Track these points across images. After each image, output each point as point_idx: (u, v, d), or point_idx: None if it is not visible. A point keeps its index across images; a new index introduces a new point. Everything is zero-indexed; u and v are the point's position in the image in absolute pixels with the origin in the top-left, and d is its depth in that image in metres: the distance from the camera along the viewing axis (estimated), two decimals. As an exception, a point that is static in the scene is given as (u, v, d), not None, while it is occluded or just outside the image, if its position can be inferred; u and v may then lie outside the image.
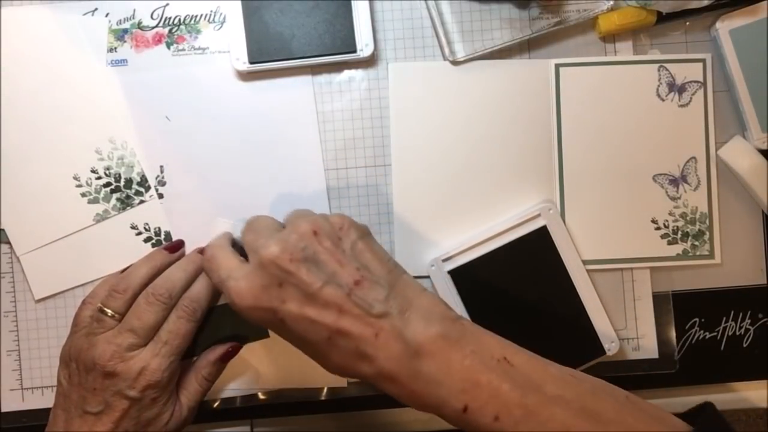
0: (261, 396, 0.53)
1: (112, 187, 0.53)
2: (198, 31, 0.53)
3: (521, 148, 0.53)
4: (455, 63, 0.53)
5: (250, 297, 0.39)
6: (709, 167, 0.54)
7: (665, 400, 0.55)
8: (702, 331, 0.55)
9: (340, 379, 0.53)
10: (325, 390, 0.53)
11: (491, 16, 0.53)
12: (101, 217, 0.53)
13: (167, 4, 0.53)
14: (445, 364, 0.37)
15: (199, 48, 0.53)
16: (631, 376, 0.54)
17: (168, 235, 0.53)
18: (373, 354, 0.37)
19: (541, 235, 0.52)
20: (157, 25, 0.53)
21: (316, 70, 0.53)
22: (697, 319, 0.55)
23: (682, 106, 0.53)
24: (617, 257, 0.53)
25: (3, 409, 0.53)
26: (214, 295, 0.50)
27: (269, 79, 0.53)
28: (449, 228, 0.53)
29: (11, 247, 0.52)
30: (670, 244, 0.54)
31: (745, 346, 0.55)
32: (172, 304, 0.47)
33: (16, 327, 0.53)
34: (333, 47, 0.51)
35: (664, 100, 0.53)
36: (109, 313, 0.46)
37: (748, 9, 0.52)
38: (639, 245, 0.54)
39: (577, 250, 0.53)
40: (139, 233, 0.53)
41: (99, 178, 0.52)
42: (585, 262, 0.53)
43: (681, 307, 0.54)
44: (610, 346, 0.52)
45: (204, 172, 0.53)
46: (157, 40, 0.53)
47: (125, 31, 0.52)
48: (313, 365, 0.41)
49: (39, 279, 0.53)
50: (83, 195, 0.52)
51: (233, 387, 0.53)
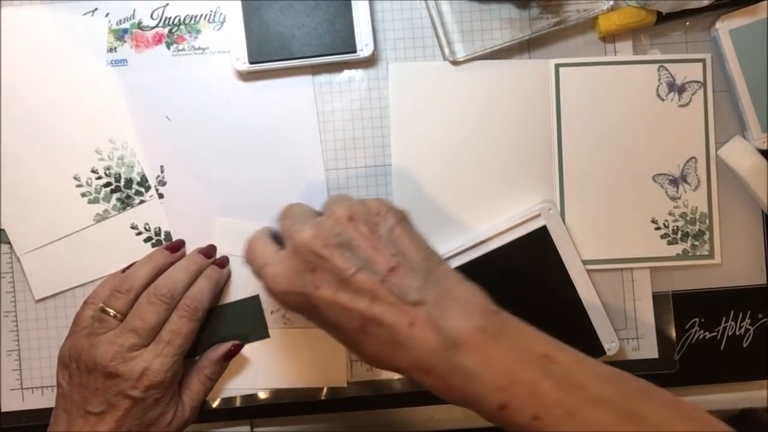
0: (261, 396, 0.53)
1: (112, 187, 0.53)
2: (198, 31, 0.53)
3: (521, 148, 0.53)
4: (455, 63, 0.53)
5: (284, 282, 0.39)
6: (709, 167, 0.54)
7: (665, 400, 0.55)
8: (702, 331, 0.55)
9: (340, 379, 0.53)
10: (325, 390, 0.53)
11: (491, 16, 0.53)
12: (101, 217, 0.53)
13: (167, 4, 0.52)
14: (484, 359, 0.35)
15: (199, 48, 0.53)
16: (631, 376, 0.54)
17: (168, 235, 0.53)
18: (408, 344, 0.36)
19: (541, 235, 0.52)
20: (157, 25, 0.53)
21: (316, 70, 0.53)
22: (697, 319, 0.55)
23: (682, 106, 0.53)
24: (617, 257, 0.53)
25: (3, 409, 0.53)
26: (215, 294, 0.50)
27: (269, 79, 0.53)
28: (449, 228, 0.53)
29: (11, 247, 0.52)
30: (670, 244, 0.54)
31: (745, 346, 0.55)
32: (174, 304, 0.47)
33: (16, 327, 0.53)
34: (333, 47, 0.51)
35: (664, 100, 0.53)
36: (111, 313, 0.46)
37: (748, 9, 0.52)
38: (639, 245, 0.54)
39: (577, 250, 0.53)
40: (139, 233, 0.53)
41: (99, 178, 0.52)
42: (585, 262, 0.53)
43: (681, 307, 0.54)
44: (610, 346, 0.52)
45: (204, 172, 0.53)
46: (157, 40, 0.53)
47: (125, 31, 0.52)
48: (313, 365, 0.41)
49: (39, 279, 0.53)
50: (83, 195, 0.52)
51: (233, 387, 0.53)
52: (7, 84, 0.52)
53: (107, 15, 0.52)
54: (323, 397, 0.53)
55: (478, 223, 0.53)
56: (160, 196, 0.53)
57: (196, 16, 0.53)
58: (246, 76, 0.53)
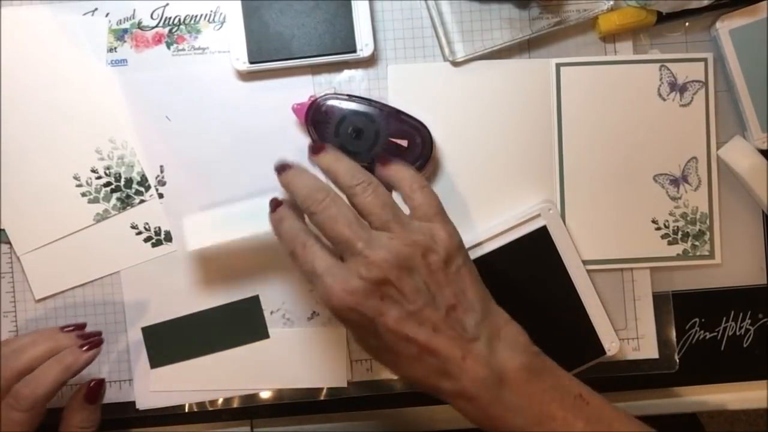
0: (261, 396, 0.53)
1: (113, 186, 0.53)
2: (198, 31, 0.53)
3: (521, 148, 0.53)
4: (455, 63, 0.53)
5: (349, 301, 0.39)
6: (710, 167, 0.53)
7: (665, 400, 0.55)
8: (702, 331, 0.55)
9: (341, 379, 0.53)
10: (325, 390, 0.53)
11: (491, 16, 0.53)
12: (101, 217, 0.53)
13: (167, 4, 0.52)
14: (526, 395, 0.39)
15: (199, 48, 0.53)
16: (631, 376, 0.54)
17: (168, 234, 0.53)
18: (458, 374, 0.39)
19: (541, 235, 0.52)
20: (157, 25, 0.53)
21: (316, 70, 0.53)
22: (697, 319, 0.55)
23: (683, 105, 0.53)
24: (617, 257, 0.53)
25: (3, 409, 0.53)
26: (63, 382, 0.43)
27: (269, 79, 0.53)
28: (449, 228, 0.53)
29: (11, 247, 0.52)
30: (670, 244, 0.54)
31: (745, 346, 0.55)
32: (36, 412, 0.42)
33: (16, 327, 0.53)
34: (333, 47, 0.51)
35: (665, 100, 0.53)
36: None
37: (748, 9, 0.52)
38: (639, 245, 0.54)
39: (577, 250, 0.53)
40: (140, 233, 0.53)
41: (99, 177, 0.53)
42: (585, 262, 0.53)
43: (681, 307, 0.54)
44: (610, 346, 0.52)
45: (204, 172, 0.53)
46: (157, 40, 0.53)
47: (125, 31, 0.52)
48: (313, 365, 0.40)
49: (39, 279, 0.53)
50: (83, 195, 0.52)
51: (233, 387, 0.53)
52: (8, 84, 0.52)
53: (107, 15, 0.52)
54: (323, 397, 0.53)
55: (478, 223, 0.53)
56: (160, 196, 0.53)
57: (196, 16, 0.53)
58: (246, 76, 0.53)
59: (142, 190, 0.53)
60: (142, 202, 0.53)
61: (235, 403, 0.53)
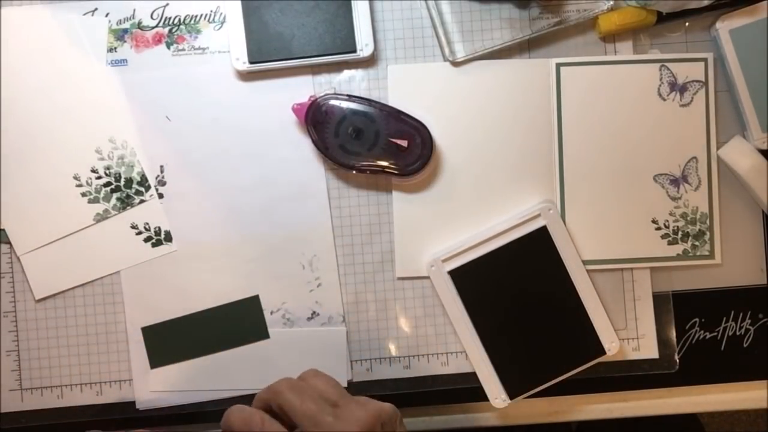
0: (261, 396, 0.53)
1: (113, 186, 0.53)
2: (198, 31, 0.53)
3: (521, 148, 0.53)
4: (455, 63, 0.53)
5: None
6: (710, 167, 0.53)
7: (665, 400, 0.55)
8: (702, 331, 0.55)
9: (340, 379, 0.53)
10: (325, 390, 0.53)
11: (491, 16, 0.53)
12: (101, 217, 0.53)
13: (167, 4, 0.52)
14: None
15: (199, 48, 0.53)
16: (631, 376, 0.54)
17: (168, 234, 0.53)
18: None
19: (541, 235, 0.52)
20: (157, 25, 0.53)
21: (316, 70, 0.53)
22: (697, 319, 0.55)
23: (683, 105, 0.53)
24: (617, 257, 0.53)
25: (2, 410, 0.53)
26: None
27: (269, 79, 0.53)
28: (449, 228, 0.53)
29: (11, 247, 0.52)
30: (670, 244, 0.54)
31: (745, 346, 0.55)
32: None
33: (16, 327, 0.53)
34: (333, 47, 0.51)
35: (665, 100, 0.53)
36: None
37: (748, 9, 0.52)
38: (639, 245, 0.54)
39: (577, 250, 0.53)
40: (140, 233, 0.53)
41: (99, 177, 0.52)
42: (585, 262, 0.53)
43: (681, 307, 0.54)
44: (610, 346, 0.52)
45: (204, 172, 0.53)
46: (157, 40, 0.53)
47: (125, 31, 0.52)
48: (313, 365, 0.40)
49: (39, 279, 0.53)
50: (83, 195, 0.52)
51: (233, 387, 0.53)
52: (8, 84, 0.52)
53: (107, 15, 0.52)
54: (323, 397, 0.53)
55: (479, 223, 0.53)
56: (160, 196, 0.53)
57: (196, 16, 0.53)
58: (246, 76, 0.53)
59: (142, 190, 0.53)
60: (142, 202, 0.53)
61: (235, 404, 0.53)
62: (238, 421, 0.41)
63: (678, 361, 0.54)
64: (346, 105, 0.50)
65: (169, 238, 0.53)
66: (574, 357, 0.52)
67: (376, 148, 0.50)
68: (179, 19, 0.52)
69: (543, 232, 0.52)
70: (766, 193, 0.53)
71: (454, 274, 0.52)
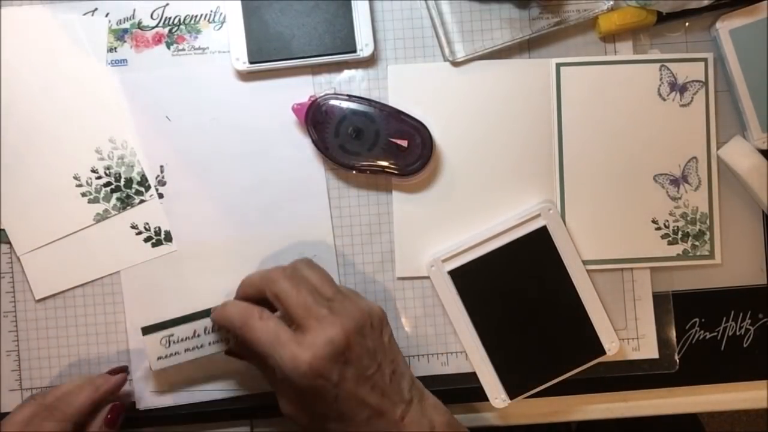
0: (261, 396, 0.53)
1: (113, 186, 0.53)
2: (198, 31, 0.53)
3: (521, 148, 0.53)
4: (455, 63, 0.53)
5: (320, 366, 0.40)
6: (710, 167, 0.53)
7: (665, 400, 0.55)
8: (702, 331, 0.55)
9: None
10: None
11: (491, 16, 0.53)
12: (101, 217, 0.53)
13: (167, 4, 0.53)
14: None
15: (199, 48, 0.53)
16: (631, 376, 0.54)
17: (168, 234, 0.53)
18: None
19: (541, 235, 0.52)
20: (157, 25, 0.53)
21: (316, 70, 0.53)
22: (697, 319, 0.55)
23: (683, 105, 0.53)
24: (617, 257, 0.53)
25: (2, 410, 0.53)
26: (94, 401, 0.47)
27: (269, 79, 0.53)
28: (449, 228, 0.53)
29: (11, 247, 0.52)
30: (670, 244, 0.54)
31: (745, 346, 0.55)
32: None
33: (16, 327, 0.53)
34: (333, 47, 0.51)
35: (665, 100, 0.53)
36: None
37: (748, 9, 0.52)
38: (639, 245, 0.54)
39: (577, 250, 0.53)
40: (140, 233, 0.53)
41: (99, 177, 0.53)
42: (585, 262, 0.53)
43: (681, 307, 0.54)
44: (610, 346, 0.52)
45: (204, 172, 0.53)
46: (157, 40, 0.53)
47: (125, 31, 0.52)
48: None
49: (39, 279, 0.53)
50: (83, 195, 0.52)
51: (233, 387, 0.53)
52: (8, 84, 0.52)
53: (107, 15, 0.52)
54: (323, 397, 0.53)
55: (479, 222, 0.53)
56: (160, 196, 0.53)
57: (196, 16, 0.53)
58: (246, 76, 0.53)
59: (142, 190, 0.53)
60: (142, 202, 0.53)
61: (235, 403, 0.53)
62: (236, 314, 0.44)
63: (678, 361, 0.54)
64: (346, 105, 0.50)
65: (169, 238, 0.53)
66: (574, 357, 0.52)
67: (376, 148, 0.50)
68: (179, 19, 0.53)
69: (543, 232, 0.52)
70: (766, 193, 0.53)
71: (454, 274, 0.52)
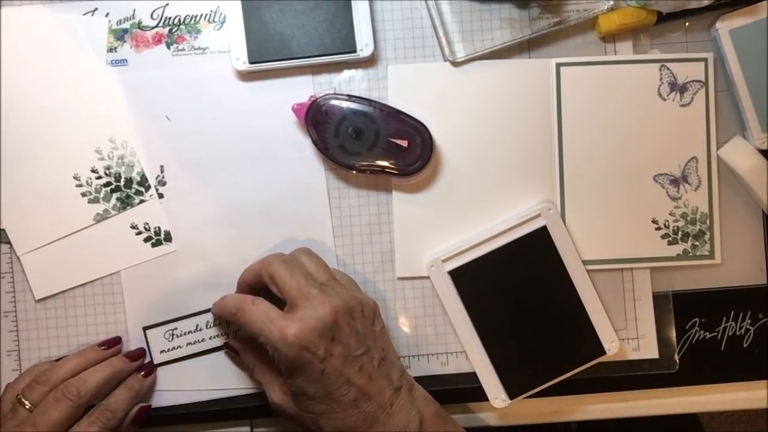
0: (261, 396, 0.53)
1: (112, 186, 0.53)
2: (198, 31, 0.53)
3: (521, 148, 0.53)
4: (455, 63, 0.53)
5: (305, 338, 0.42)
6: (710, 167, 0.53)
7: (665, 400, 0.55)
8: (702, 331, 0.55)
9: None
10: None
11: (491, 16, 0.53)
12: (101, 217, 0.53)
13: (167, 4, 0.53)
14: None
15: (199, 48, 0.53)
16: (631, 376, 0.54)
17: (168, 234, 0.53)
18: (386, 420, 0.44)
19: (541, 235, 0.52)
20: (157, 25, 0.53)
21: (316, 70, 0.53)
22: (697, 319, 0.55)
23: (683, 105, 0.53)
24: (617, 257, 0.53)
25: (3, 409, 0.53)
26: (133, 405, 0.50)
27: (269, 79, 0.53)
28: (449, 228, 0.53)
29: (11, 247, 0.52)
30: (670, 244, 0.54)
31: (745, 346, 0.55)
32: (81, 404, 0.46)
33: (16, 327, 0.53)
34: (333, 47, 0.51)
35: (665, 100, 0.53)
36: (26, 405, 0.46)
37: (748, 9, 0.52)
38: (639, 245, 0.54)
39: (577, 250, 0.53)
40: (139, 233, 0.53)
41: (99, 177, 0.53)
42: (585, 262, 0.53)
43: (681, 307, 0.54)
44: (610, 346, 0.52)
45: (204, 172, 0.53)
46: (157, 40, 0.53)
47: (125, 31, 0.52)
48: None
49: (39, 279, 0.53)
50: (83, 195, 0.52)
51: (233, 387, 0.53)
52: (8, 84, 0.52)
53: (107, 15, 0.52)
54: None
55: (479, 223, 0.53)
56: (160, 196, 0.53)
57: (196, 16, 0.53)
58: (246, 76, 0.53)
59: (142, 190, 0.53)
60: (142, 202, 0.53)
61: (235, 403, 0.53)
62: (231, 302, 0.47)
63: (678, 361, 0.54)
64: (346, 105, 0.50)
65: (169, 238, 0.53)
66: (574, 357, 0.52)
67: (376, 148, 0.50)
68: (179, 19, 0.53)
69: (543, 232, 0.52)
70: (766, 193, 0.53)
71: (454, 274, 0.52)
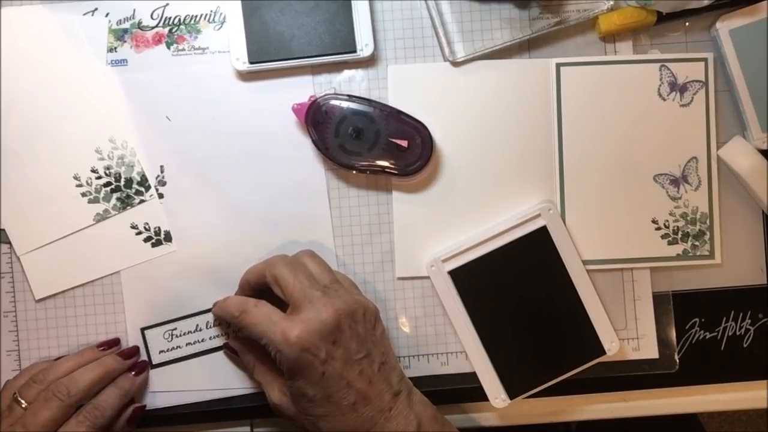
0: (261, 396, 0.53)
1: (113, 186, 0.53)
2: (198, 31, 0.53)
3: (521, 148, 0.53)
4: (455, 63, 0.53)
5: (308, 340, 0.42)
6: (710, 167, 0.53)
7: (665, 400, 0.55)
8: (702, 331, 0.55)
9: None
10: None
11: (491, 16, 0.53)
12: (101, 217, 0.53)
13: (167, 4, 0.53)
14: None
15: (199, 48, 0.53)
16: (631, 376, 0.54)
17: (168, 234, 0.53)
18: (384, 423, 0.44)
19: (541, 235, 0.52)
20: (157, 25, 0.53)
21: (316, 70, 0.53)
22: (697, 319, 0.55)
23: (683, 105, 0.53)
24: (617, 257, 0.53)
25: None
26: (123, 403, 0.49)
27: (269, 79, 0.53)
28: (449, 228, 0.53)
29: (11, 247, 0.52)
30: (670, 244, 0.54)
31: (745, 346, 0.55)
32: (71, 403, 0.46)
33: (16, 327, 0.53)
34: (333, 47, 0.51)
35: (665, 100, 0.53)
36: (22, 404, 0.46)
37: (748, 9, 0.52)
38: (639, 245, 0.54)
39: (577, 250, 0.53)
40: (139, 233, 0.53)
41: (99, 177, 0.53)
42: (585, 262, 0.53)
43: (681, 307, 0.54)
44: (610, 346, 0.52)
45: (204, 172, 0.53)
46: (157, 40, 0.53)
47: (125, 31, 0.52)
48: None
49: (39, 279, 0.53)
50: (83, 195, 0.52)
51: (233, 387, 0.53)
52: (7, 84, 0.52)
53: (107, 15, 0.52)
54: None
55: (479, 222, 0.53)
56: (160, 196, 0.53)
57: (196, 16, 0.53)
58: (246, 76, 0.53)
59: (142, 190, 0.53)
60: (142, 202, 0.53)
61: (235, 403, 0.53)
62: (234, 304, 0.47)
63: (678, 361, 0.54)
64: (346, 105, 0.50)
65: (169, 238, 0.53)
66: (574, 357, 0.52)
67: (376, 148, 0.50)
68: (179, 19, 0.53)
69: (543, 232, 0.52)
70: (766, 193, 0.53)
71: (454, 274, 0.52)
